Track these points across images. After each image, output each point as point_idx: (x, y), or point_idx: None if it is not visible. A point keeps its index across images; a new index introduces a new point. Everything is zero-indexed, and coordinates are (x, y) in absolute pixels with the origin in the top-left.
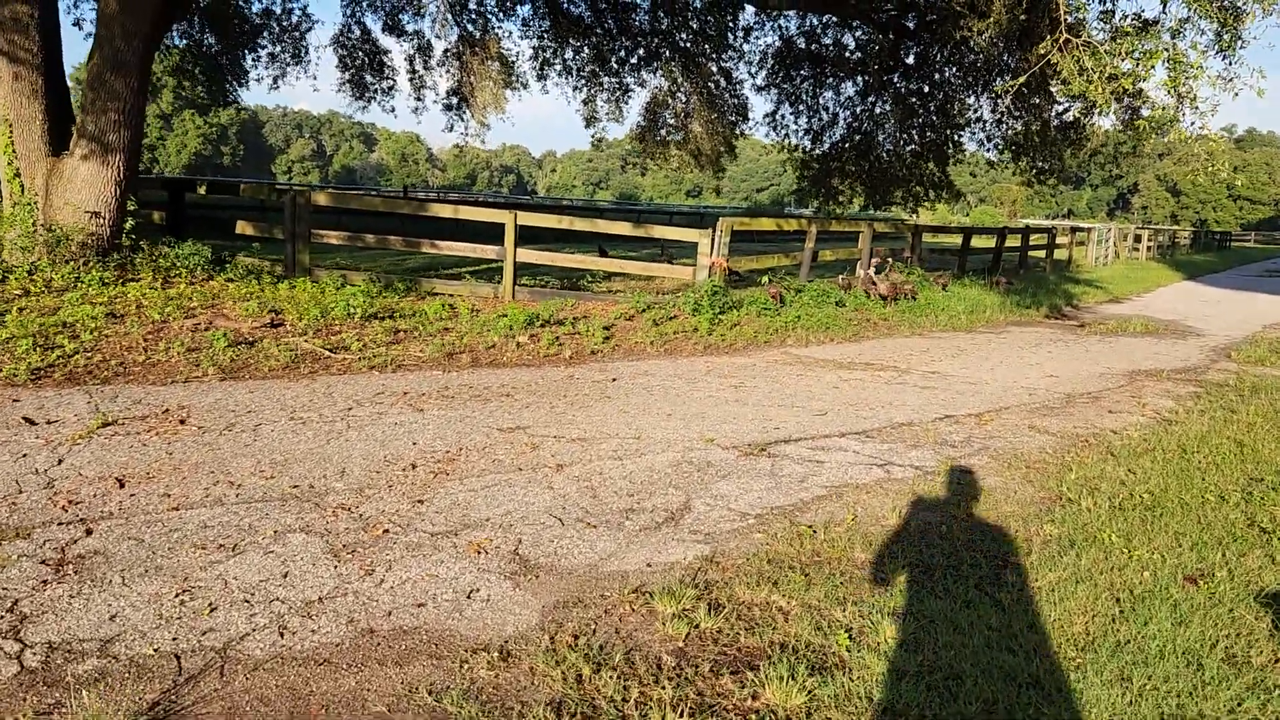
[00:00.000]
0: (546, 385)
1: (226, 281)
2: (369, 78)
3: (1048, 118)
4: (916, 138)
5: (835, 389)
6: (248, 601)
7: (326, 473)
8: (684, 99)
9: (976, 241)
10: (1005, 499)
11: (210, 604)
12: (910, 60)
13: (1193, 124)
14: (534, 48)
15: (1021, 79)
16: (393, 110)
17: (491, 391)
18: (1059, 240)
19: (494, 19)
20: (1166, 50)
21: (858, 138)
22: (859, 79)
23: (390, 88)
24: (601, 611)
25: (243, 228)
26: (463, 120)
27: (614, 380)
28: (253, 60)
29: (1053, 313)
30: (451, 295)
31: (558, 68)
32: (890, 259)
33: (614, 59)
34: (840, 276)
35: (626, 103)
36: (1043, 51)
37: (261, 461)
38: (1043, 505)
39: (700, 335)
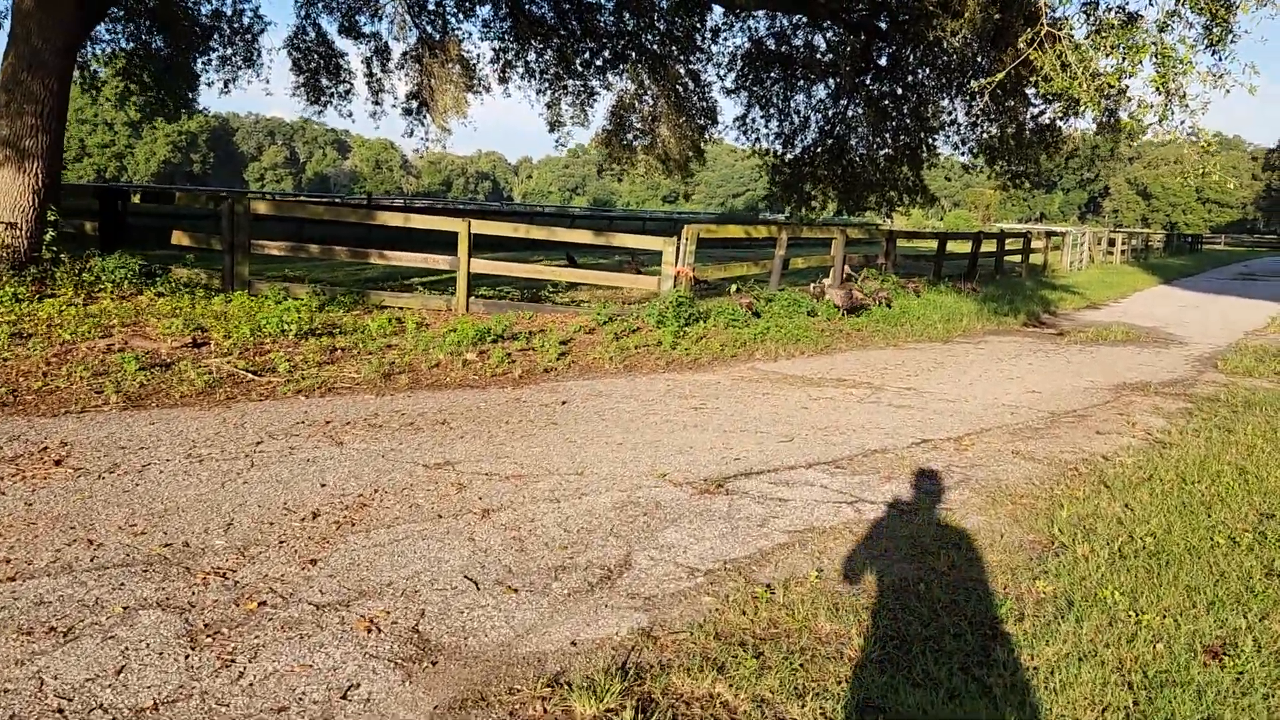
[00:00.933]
0: (489, 410)
1: (156, 296)
2: (325, 81)
3: (1023, 120)
4: (890, 141)
5: (804, 410)
6: (60, 713)
7: (210, 526)
8: (651, 102)
9: (952, 247)
10: (991, 545)
11: (11, 718)
12: (883, 62)
13: (1182, 122)
14: (495, 49)
15: (999, 76)
16: (350, 115)
17: (426, 419)
18: (1034, 245)
19: (454, 20)
20: (1154, 44)
21: (830, 141)
22: (830, 81)
23: (347, 91)
24: (506, 715)
25: (179, 238)
26: (423, 125)
27: (564, 403)
28: (204, 64)
29: (1031, 320)
30: (401, 309)
31: (520, 70)
32: (851, 270)
33: (578, 61)
34: (812, 285)
35: (592, 106)
36: (1021, 47)
37: (136, 513)
38: (1033, 552)
39: (663, 350)
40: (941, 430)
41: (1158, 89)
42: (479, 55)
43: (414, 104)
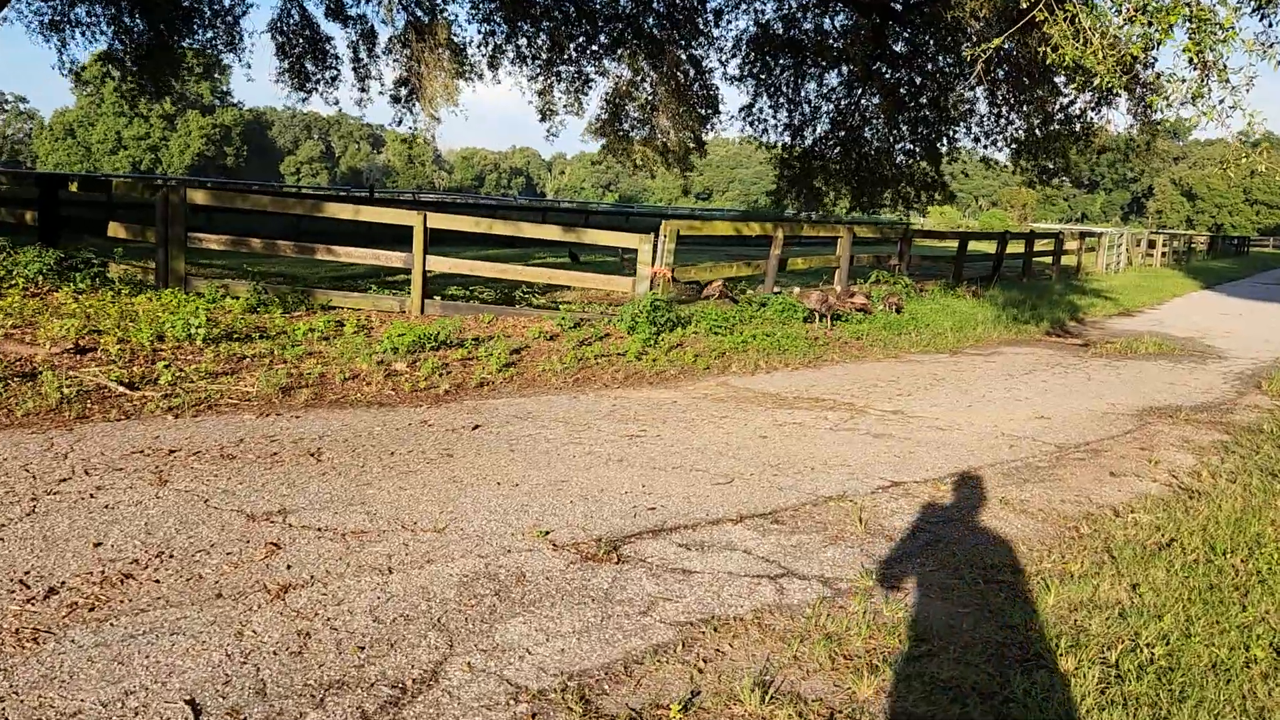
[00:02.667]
0: (381, 436)
1: (75, 293)
2: (310, 66)
3: (1051, 111)
4: (907, 133)
5: (761, 439)
6: None
7: None
8: (650, 89)
9: (978, 247)
10: (944, 651)
11: None
12: (899, 48)
13: (1221, 102)
14: (482, 33)
15: (996, 41)
16: (336, 102)
17: (298, 447)
18: (1067, 246)
19: (441, 1)
20: (1187, 6)
21: (842, 133)
22: (843, 69)
23: (334, 77)
24: None
25: (115, 230)
26: (412, 113)
27: (476, 428)
28: (189, 48)
29: (1055, 329)
30: (351, 309)
31: (510, 55)
32: (851, 274)
33: (572, 46)
34: (800, 289)
35: (586, 94)
36: (1025, 6)
37: None
38: (1001, 671)
39: (627, 361)
40: (921, 468)
41: (1191, 60)
42: (470, 40)
43: (403, 91)
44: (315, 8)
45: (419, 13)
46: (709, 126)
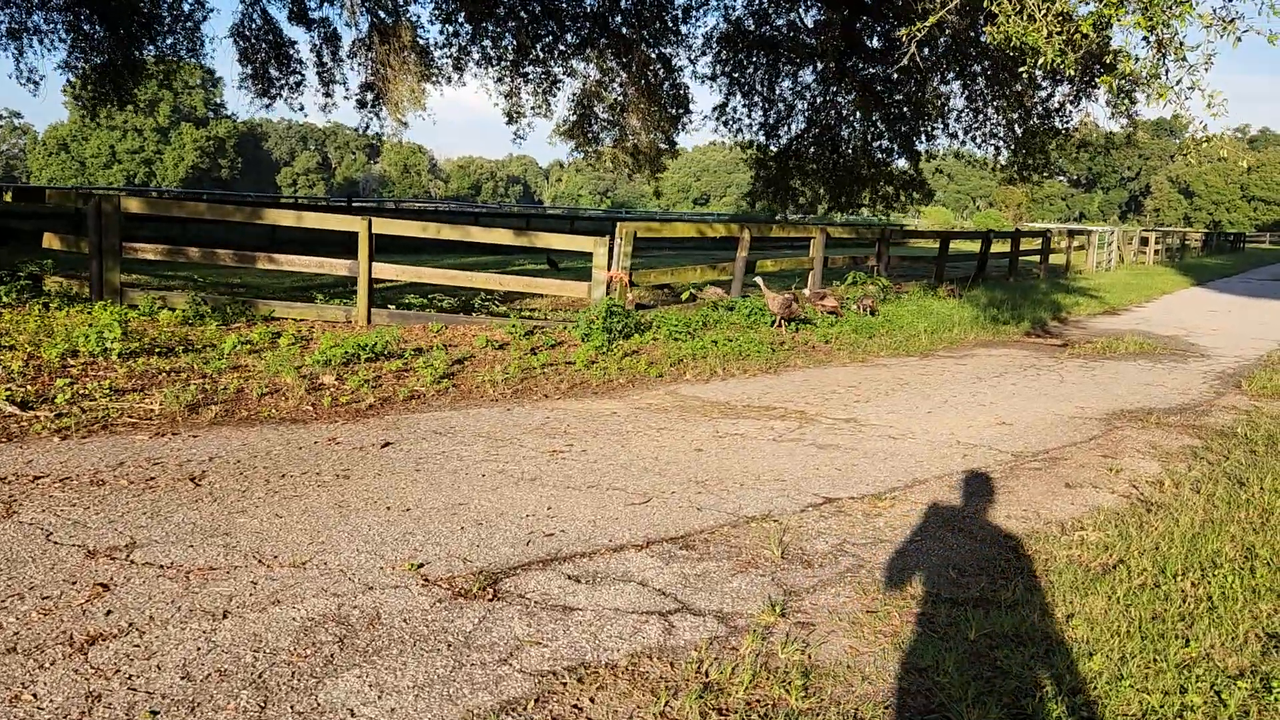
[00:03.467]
0: (278, 456)
1: (3, 308)
2: (274, 72)
3: (1029, 105)
4: (884, 131)
5: (696, 452)
6: None
7: None
8: (619, 90)
9: (963, 247)
10: (835, 711)
11: None
12: (875, 43)
13: (1179, 82)
14: (445, 35)
15: (933, 20)
16: (301, 108)
17: (181, 471)
18: (1055, 245)
19: (406, 1)
20: None
21: (817, 131)
22: (817, 65)
23: (298, 83)
24: None
25: (49, 240)
26: (379, 118)
27: (386, 445)
28: (151, 55)
29: (1035, 329)
30: (295, 320)
31: (475, 56)
32: (814, 283)
33: (539, 46)
34: (785, 292)
35: (554, 95)
36: None
37: None
38: None
39: (575, 370)
40: (861, 483)
41: (1145, 38)
42: (434, 42)
43: (368, 95)
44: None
45: (382, 15)
46: (680, 127)
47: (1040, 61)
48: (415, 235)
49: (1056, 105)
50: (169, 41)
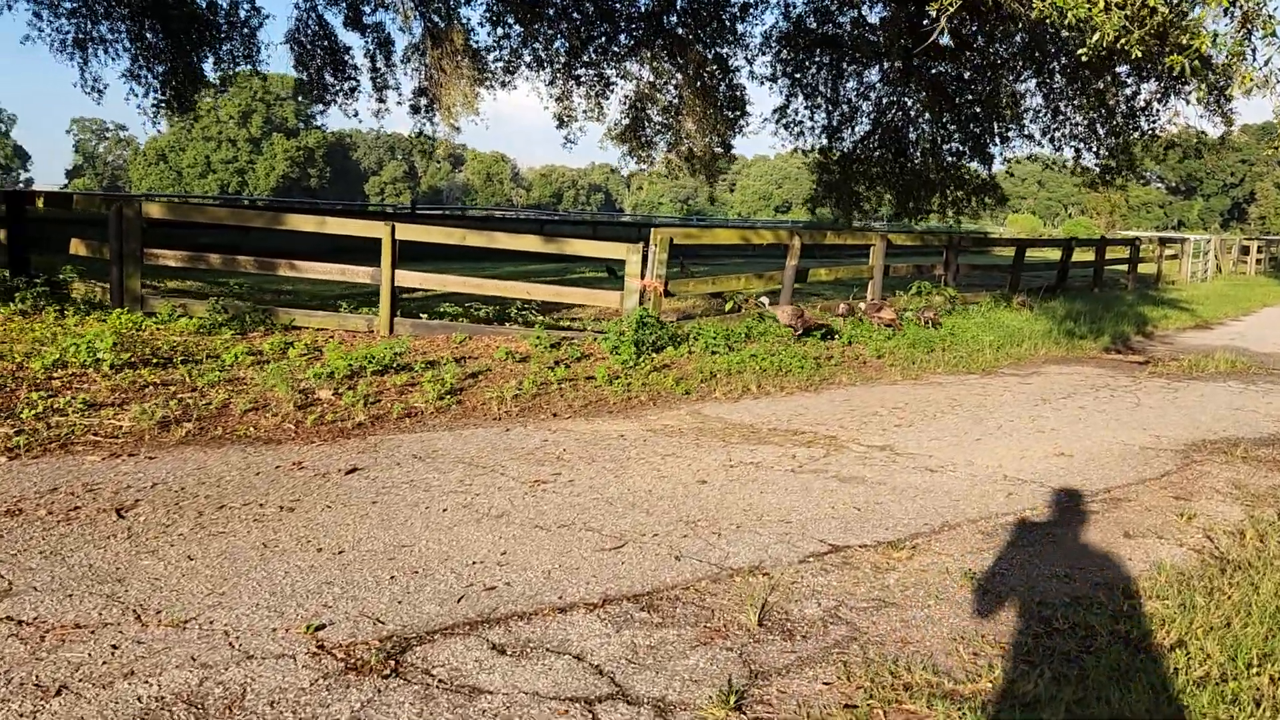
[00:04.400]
0: (229, 483)
1: (18, 315)
2: (329, 78)
3: (1112, 103)
4: (955, 133)
5: (700, 484)
6: None
7: None
8: (674, 92)
9: (1043, 256)
10: None
11: None
12: (945, 40)
13: (1268, 62)
14: (495, 37)
15: None
16: (355, 114)
17: (112, 500)
18: (1144, 253)
19: (457, 5)
20: None
21: (881, 133)
22: (884, 64)
23: (353, 88)
24: None
25: (76, 246)
26: (432, 124)
27: (352, 471)
28: (211, 62)
29: (1116, 344)
30: (316, 329)
31: (527, 59)
32: (874, 293)
33: (592, 48)
34: (842, 303)
35: (607, 98)
36: None
37: None
38: None
39: (595, 386)
40: (880, 526)
41: (1226, 9)
42: (486, 46)
43: (422, 101)
44: (333, 17)
45: (435, 19)
46: (737, 130)
47: (1097, 39)
48: (440, 242)
49: (1142, 104)
50: (226, 48)
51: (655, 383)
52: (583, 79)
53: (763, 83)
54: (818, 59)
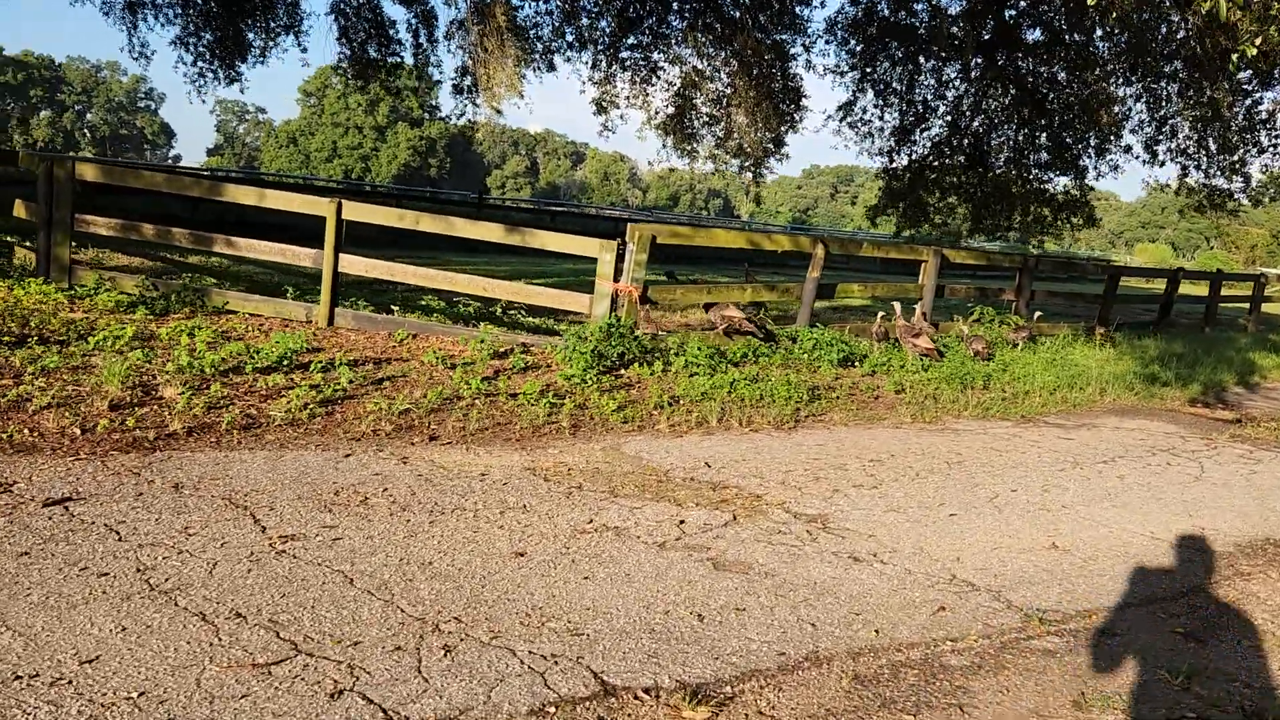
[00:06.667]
0: None
1: None
2: (373, 52)
3: (1228, 114)
4: (1045, 142)
5: (516, 559)
6: None
7: None
8: (726, 80)
9: (1133, 286)
10: None
11: None
12: (1036, 35)
13: None
14: (538, 14)
15: None
16: (397, 92)
17: None
18: (1270, 290)
19: None
20: None
21: (957, 136)
22: (965, 59)
23: (396, 65)
24: None
25: (19, 209)
26: (475, 105)
27: (57, 504)
28: (255, 33)
29: (1206, 394)
30: (249, 314)
31: (569, 39)
32: (922, 315)
33: (641, 29)
34: (875, 325)
35: (652, 84)
36: None
37: None
38: None
39: (517, 404)
40: (711, 652)
41: None
42: (529, 23)
43: (467, 80)
44: None
45: None
46: (791, 125)
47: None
48: (392, 225)
49: (1265, 114)
50: (267, 18)
51: (595, 405)
52: (628, 63)
53: (824, 74)
54: (890, 51)
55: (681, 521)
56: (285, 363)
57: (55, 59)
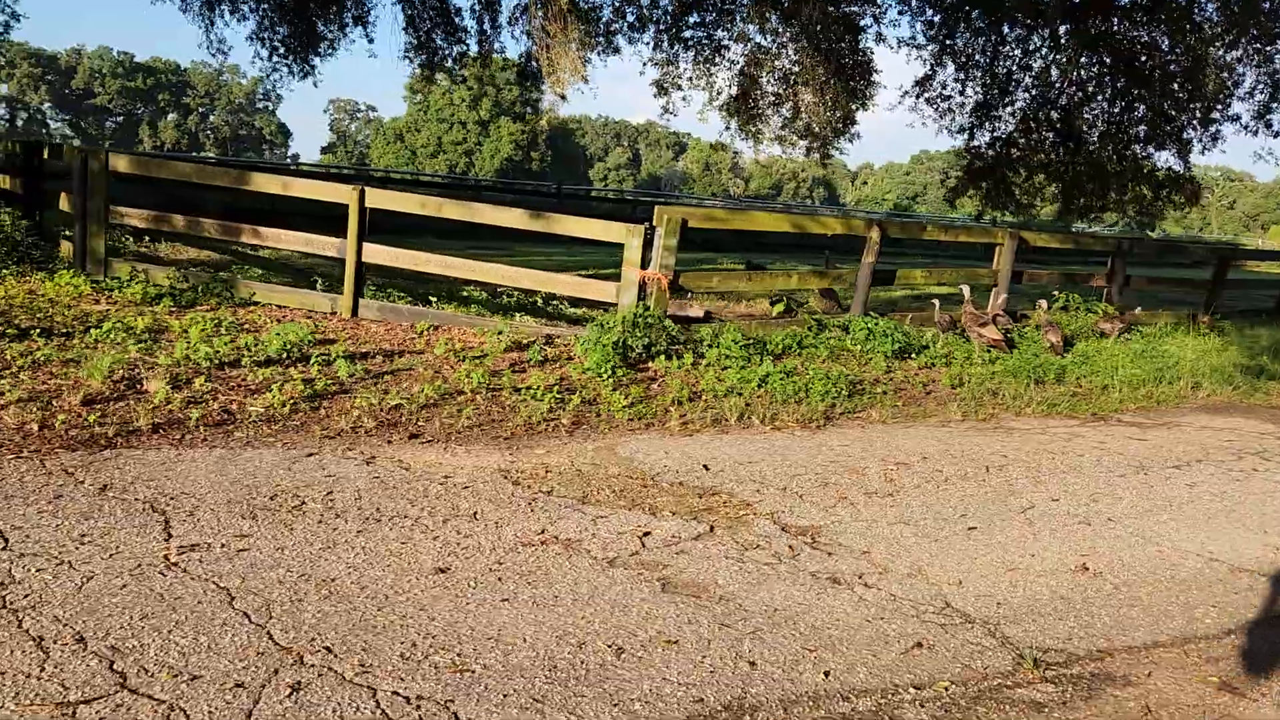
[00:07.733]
0: None
1: None
2: (439, 41)
3: None
4: (1145, 115)
5: (436, 575)
6: None
7: None
8: (792, 56)
9: (1258, 270)
10: None
11: None
12: None
13: None
14: None
15: None
16: (463, 80)
17: None
18: None
19: None
20: None
21: (1047, 109)
22: (1053, 28)
23: (462, 54)
24: None
25: (64, 202)
26: (540, 91)
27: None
28: (325, 25)
29: None
30: (277, 306)
31: (631, 18)
32: (997, 301)
33: (704, 6)
34: (939, 314)
35: (716, 64)
36: None
37: None
38: None
39: (518, 400)
40: (613, 699)
41: None
42: (594, 4)
43: (533, 65)
44: None
45: None
46: (862, 102)
47: None
48: (414, 211)
49: None
50: (339, 9)
51: (605, 401)
52: (690, 41)
53: (897, 48)
54: (971, 20)
55: (646, 534)
56: (286, 355)
57: (180, 64)
